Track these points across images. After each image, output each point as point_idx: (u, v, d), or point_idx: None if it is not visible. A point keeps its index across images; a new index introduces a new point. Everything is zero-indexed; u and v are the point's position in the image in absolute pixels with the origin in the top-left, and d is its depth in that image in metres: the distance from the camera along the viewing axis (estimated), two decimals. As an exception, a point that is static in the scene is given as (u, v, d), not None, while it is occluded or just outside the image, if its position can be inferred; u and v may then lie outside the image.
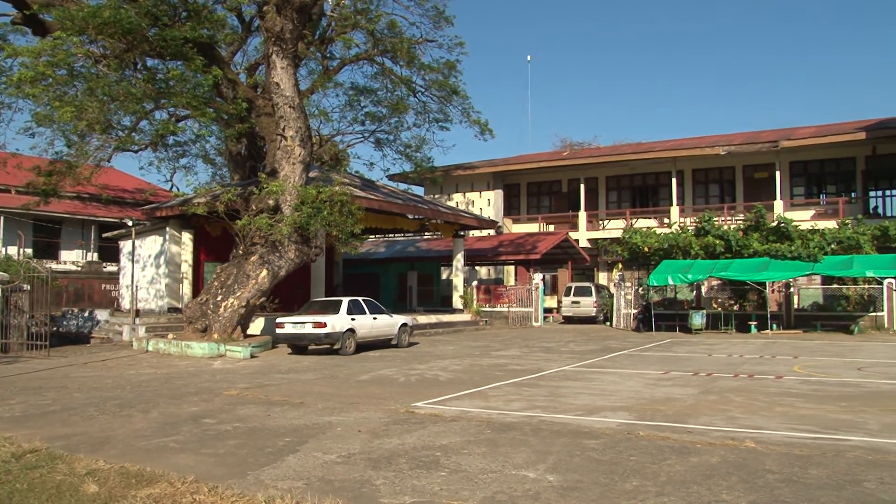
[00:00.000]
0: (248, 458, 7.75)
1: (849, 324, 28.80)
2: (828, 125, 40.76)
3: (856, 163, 38.64)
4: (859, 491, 6.37)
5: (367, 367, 17.09)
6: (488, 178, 46.49)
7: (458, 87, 31.97)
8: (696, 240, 31.62)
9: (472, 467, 7.23)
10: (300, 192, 21.00)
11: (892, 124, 36.02)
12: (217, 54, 24.70)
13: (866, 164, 38.34)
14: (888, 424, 9.48)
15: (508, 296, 36.63)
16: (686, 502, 6.07)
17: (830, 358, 18.80)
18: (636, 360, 18.75)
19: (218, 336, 20.54)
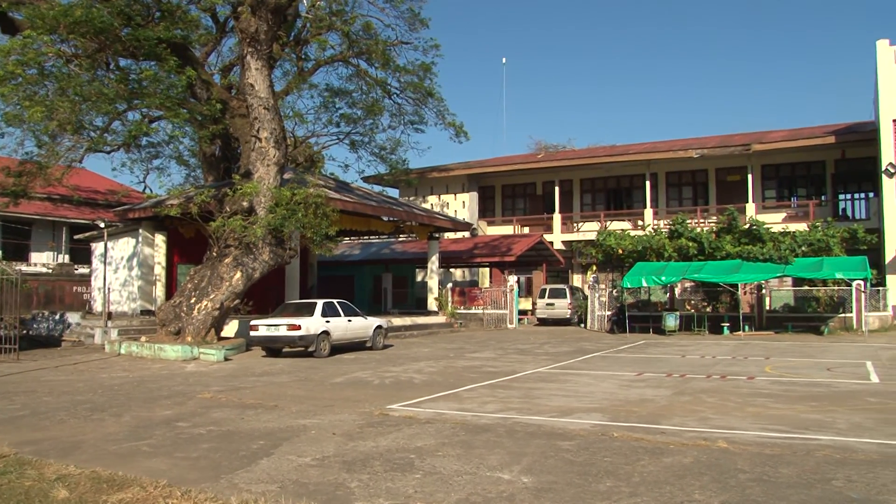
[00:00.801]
0: (221, 461, 7.71)
1: (819, 325, 29.17)
2: (799, 129, 41.28)
3: (826, 166, 39.18)
4: (828, 489, 6.46)
5: (342, 369, 17.04)
6: (463, 180, 46.54)
7: (433, 89, 31.98)
8: (669, 242, 31.85)
9: (446, 469, 7.25)
10: (274, 193, 20.91)
11: (861, 129, 36.56)
12: (191, 55, 24.52)
13: (836, 168, 38.89)
14: (856, 424, 9.62)
15: (483, 298, 36.68)
16: (659, 502, 6.12)
17: (801, 359, 19.03)
18: (610, 361, 18.86)
19: (191, 338, 20.38)
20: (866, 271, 26.79)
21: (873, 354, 19.81)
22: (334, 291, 29.39)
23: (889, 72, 31.75)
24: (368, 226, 30.91)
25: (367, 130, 35.34)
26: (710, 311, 31.97)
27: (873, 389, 13.05)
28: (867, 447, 8.18)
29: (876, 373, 15.50)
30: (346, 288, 37.73)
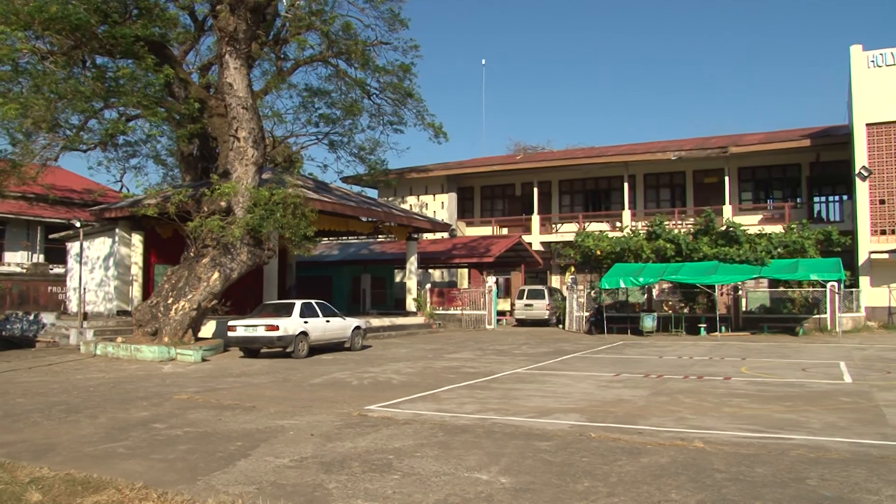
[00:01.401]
0: (198, 463, 7.66)
1: (794, 326, 29.46)
2: (774, 132, 41.72)
3: (801, 169, 39.64)
4: (802, 488, 6.54)
5: (320, 370, 16.99)
6: (442, 181, 46.56)
7: (412, 89, 31.98)
8: (647, 243, 32.04)
9: (424, 470, 7.25)
10: (253, 193, 20.81)
11: (835, 132, 37.02)
12: (169, 53, 24.35)
13: (811, 171, 39.35)
14: (830, 423, 9.74)
15: (462, 299, 36.70)
16: (636, 502, 6.16)
17: (776, 359, 19.21)
18: (588, 362, 18.93)
19: (168, 339, 20.24)
20: (840, 273, 27.10)
21: (847, 355, 20.04)
22: (313, 292, 29.30)
23: (862, 76, 32.16)
24: (347, 226, 30.84)
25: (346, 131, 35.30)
26: (688, 312, 32.19)
27: (846, 389, 13.21)
28: (840, 446, 8.28)
29: (849, 373, 15.68)
30: (324, 288, 37.59)
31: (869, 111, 31.92)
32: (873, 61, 32.11)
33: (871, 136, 31.96)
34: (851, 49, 32.54)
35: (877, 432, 9.11)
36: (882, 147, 31.74)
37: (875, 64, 32.05)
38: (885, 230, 31.59)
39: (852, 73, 32.46)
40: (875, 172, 31.76)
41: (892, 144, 31.58)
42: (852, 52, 32.52)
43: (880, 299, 31.48)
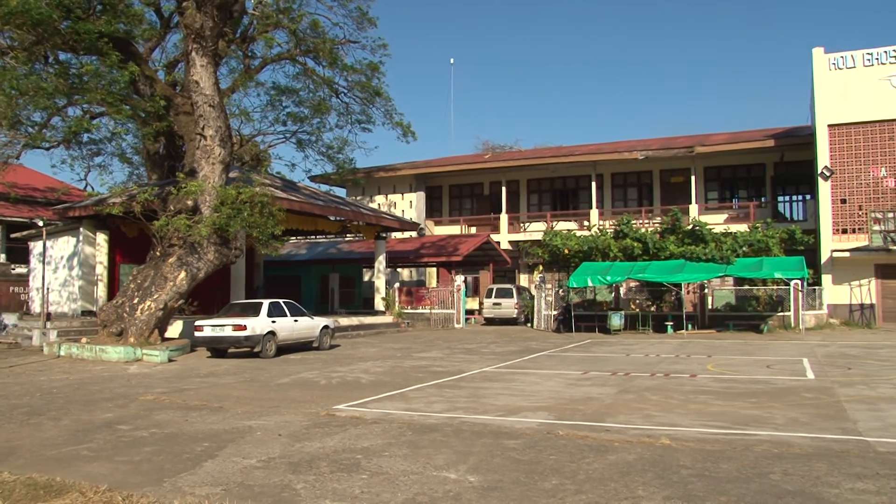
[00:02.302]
0: (165, 464, 7.60)
1: (759, 323, 29.87)
2: (740, 132, 42.24)
3: (765, 169, 40.21)
4: (766, 483, 6.64)
5: (288, 370, 16.91)
6: (410, 180, 46.52)
7: (380, 88, 31.91)
8: (614, 242, 32.27)
9: (393, 469, 7.25)
10: (220, 192, 20.64)
11: (799, 133, 37.58)
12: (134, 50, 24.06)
13: (775, 171, 39.92)
14: (793, 419, 9.90)
15: (430, 298, 36.70)
16: (604, 499, 6.21)
17: (742, 356, 19.47)
18: (556, 360, 19.04)
19: (134, 340, 20.01)
20: (803, 271, 27.51)
21: (810, 352, 20.36)
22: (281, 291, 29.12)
23: (824, 79, 32.68)
24: (315, 225, 30.72)
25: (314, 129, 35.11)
26: (655, 311, 32.48)
27: (809, 385, 13.42)
28: (802, 441, 8.42)
29: (812, 369, 15.94)
30: (292, 288, 37.40)
31: (831, 113, 32.44)
32: (835, 64, 32.64)
33: (833, 137, 32.50)
34: (814, 52, 33.05)
35: (838, 427, 9.29)
36: (843, 148, 32.29)
37: (836, 66, 32.59)
38: (846, 229, 32.14)
39: (814, 75, 32.97)
40: (837, 173, 32.30)
41: (853, 145, 32.13)
42: (814, 54, 33.03)
43: (842, 297, 32.03)
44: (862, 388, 12.85)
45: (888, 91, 31.52)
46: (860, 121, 31.98)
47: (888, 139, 31.55)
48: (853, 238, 31.79)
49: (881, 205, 31.22)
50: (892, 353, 19.90)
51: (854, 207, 32.05)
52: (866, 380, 14.05)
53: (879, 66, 31.85)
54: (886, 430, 9.06)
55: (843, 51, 32.68)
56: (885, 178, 31.57)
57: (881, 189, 31.60)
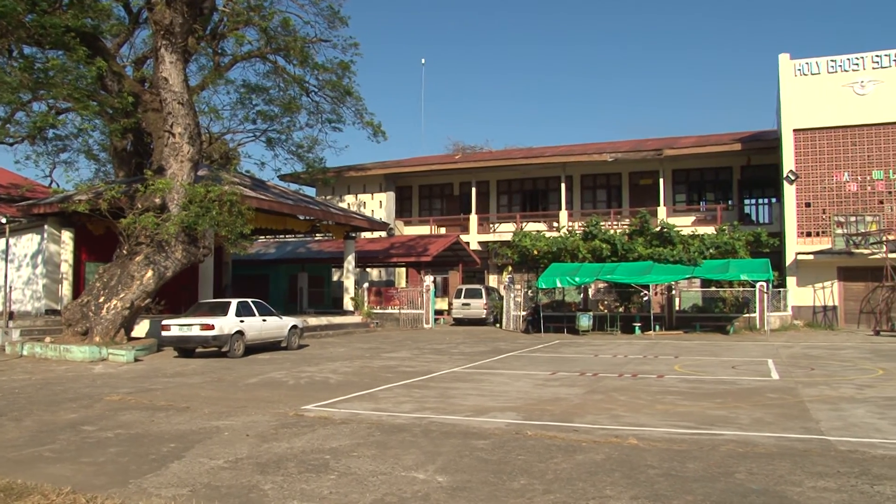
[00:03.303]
0: (130, 465, 7.52)
1: (725, 324, 30.23)
2: (707, 136, 42.73)
3: (732, 172, 40.73)
4: (731, 482, 6.73)
5: (256, 369, 16.81)
6: (380, 179, 46.44)
7: (351, 88, 31.81)
8: (583, 243, 32.46)
9: (361, 470, 7.24)
10: (188, 190, 20.47)
11: (765, 137, 38.12)
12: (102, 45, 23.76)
13: (742, 174, 40.45)
14: (757, 419, 10.04)
15: (399, 298, 36.67)
16: (572, 499, 6.25)
17: (708, 357, 19.69)
18: (525, 361, 19.12)
19: (100, 339, 19.76)
20: (769, 273, 27.90)
21: (774, 353, 20.65)
22: (249, 291, 28.94)
23: (790, 84, 33.16)
24: (284, 224, 30.55)
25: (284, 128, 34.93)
26: (623, 312, 32.73)
27: (773, 386, 13.62)
28: (767, 441, 8.55)
29: (776, 370, 16.17)
30: (261, 287, 37.18)
31: (796, 118, 32.93)
32: (800, 70, 33.14)
33: (798, 142, 32.98)
34: (780, 58, 33.52)
35: (801, 427, 9.44)
36: (808, 152, 32.79)
37: (802, 73, 33.08)
38: (810, 232, 32.65)
39: (780, 80, 33.44)
40: (801, 176, 32.79)
41: (817, 150, 32.65)
42: (780, 60, 33.50)
43: (806, 299, 32.53)
44: (824, 389, 13.07)
45: (851, 97, 32.08)
46: (824, 126, 32.51)
47: (851, 144, 32.10)
48: (817, 241, 32.31)
49: (844, 209, 31.75)
50: (853, 354, 20.26)
51: (818, 211, 32.56)
52: (828, 380, 14.29)
53: (843, 73, 32.42)
54: (847, 430, 9.23)
55: (809, 57, 33.21)
56: (848, 182, 32.12)
57: (844, 193, 32.14)
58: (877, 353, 20.30)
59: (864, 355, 19.82)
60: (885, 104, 31.51)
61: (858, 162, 31.99)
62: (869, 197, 31.76)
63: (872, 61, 32.05)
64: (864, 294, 31.54)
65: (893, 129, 31.54)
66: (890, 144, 31.55)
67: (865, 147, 31.92)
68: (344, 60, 30.78)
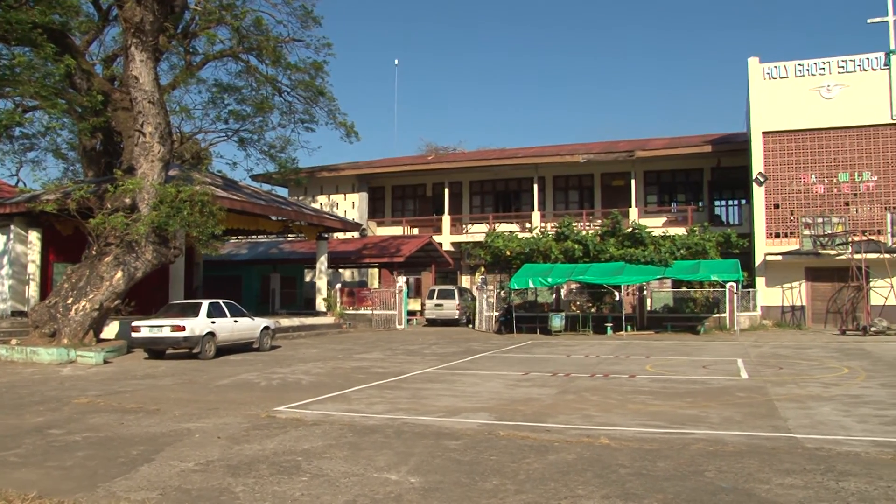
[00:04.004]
0: (98, 469, 7.43)
1: (696, 325, 30.51)
2: (679, 138, 43.11)
3: (703, 174, 41.14)
4: (701, 480, 6.80)
5: (228, 371, 16.69)
6: (353, 180, 46.31)
7: (324, 88, 31.75)
8: (556, 244, 32.58)
9: (333, 471, 7.22)
10: (159, 190, 20.29)
11: (735, 139, 38.53)
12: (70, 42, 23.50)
13: (712, 175, 40.88)
14: (727, 417, 10.16)
15: (372, 298, 36.58)
16: (544, 498, 6.28)
17: (679, 357, 19.87)
18: (497, 361, 19.16)
19: (68, 341, 19.51)
20: (738, 274, 28.20)
21: (744, 352, 20.87)
22: (221, 292, 28.71)
23: (759, 87, 33.55)
24: (256, 225, 30.37)
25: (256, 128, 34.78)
26: (595, 312, 32.90)
27: (743, 385, 13.78)
28: (736, 439, 8.65)
29: (746, 369, 16.35)
30: (233, 288, 36.88)
31: (765, 120, 33.32)
32: (769, 73, 33.54)
33: (767, 144, 33.37)
34: (749, 61, 33.89)
35: (769, 425, 9.56)
36: (777, 154, 33.19)
37: (770, 76, 33.49)
38: (779, 233, 33.05)
39: (750, 83, 33.81)
40: (770, 178, 33.17)
41: (785, 152, 33.05)
42: (750, 63, 33.87)
43: (774, 299, 32.91)
44: (792, 388, 13.25)
45: (818, 101, 32.53)
46: (792, 129, 32.92)
47: (818, 147, 32.55)
48: (785, 242, 32.71)
49: (811, 210, 32.18)
50: (820, 353, 20.54)
51: (786, 212, 32.97)
52: (796, 379, 14.48)
53: (810, 76, 32.86)
54: (814, 427, 9.36)
55: (778, 61, 33.63)
56: (815, 184, 32.56)
57: (811, 195, 32.57)
58: (843, 352, 20.60)
59: (831, 354, 20.11)
60: (851, 108, 32.00)
61: (825, 164, 32.44)
62: (835, 199, 32.23)
63: (838, 66, 32.54)
64: (831, 294, 31.98)
65: (858, 132, 32.04)
66: (855, 147, 32.04)
67: (832, 150, 32.39)
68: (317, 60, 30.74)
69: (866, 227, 31.14)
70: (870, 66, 32.06)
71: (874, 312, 29.57)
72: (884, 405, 11.24)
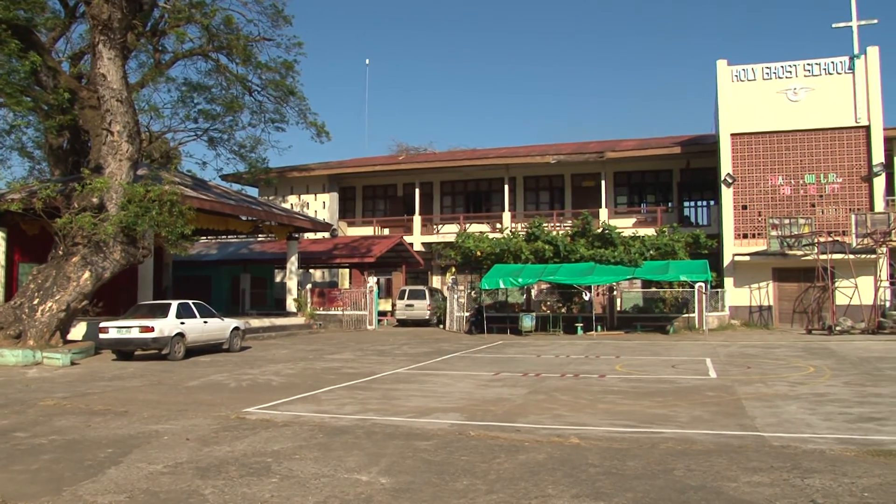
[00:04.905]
0: (64, 472, 7.34)
1: (665, 325, 30.78)
2: (648, 139, 43.45)
3: (672, 175, 41.51)
4: (670, 478, 6.87)
5: (197, 372, 16.56)
6: (324, 180, 46.12)
7: (295, 87, 31.54)
8: (526, 245, 32.69)
9: (304, 472, 7.19)
10: (127, 190, 20.07)
11: (704, 141, 38.93)
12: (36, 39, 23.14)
13: (681, 177, 41.26)
14: (696, 417, 10.27)
15: (343, 299, 36.47)
16: (514, 498, 6.30)
17: (649, 357, 20.03)
18: (468, 361, 19.20)
19: (34, 342, 19.23)
20: (707, 274, 28.50)
21: (712, 352, 21.10)
22: (190, 292, 28.48)
23: (727, 90, 33.94)
24: (226, 225, 30.15)
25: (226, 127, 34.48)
26: (565, 312, 33.07)
27: (711, 384, 13.93)
28: (705, 438, 8.74)
29: (714, 369, 16.53)
30: (202, 289, 36.60)
31: (733, 122, 33.71)
32: (737, 76, 33.94)
33: (736, 146, 33.76)
34: (718, 64, 34.27)
35: (737, 424, 9.68)
36: (745, 156, 33.59)
37: (738, 78, 33.89)
38: (746, 234, 33.45)
39: (718, 86, 34.19)
40: (738, 180, 33.56)
41: (753, 154, 33.46)
42: (718, 66, 34.25)
43: (742, 299, 33.31)
44: (760, 387, 13.41)
45: (785, 104, 32.98)
46: (760, 131, 33.35)
47: (785, 149, 32.99)
48: (753, 243, 33.11)
49: (778, 211, 32.62)
50: (787, 352, 20.81)
51: (754, 213, 33.38)
52: (764, 378, 14.67)
53: (777, 79, 33.31)
54: (781, 426, 9.50)
55: (746, 63, 34.04)
56: (782, 186, 33.00)
57: (779, 196, 33.01)
58: (808, 351, 20.90)
59: (797, 353, 20.39)
60: (817, 111, 32.50)
61: (792, 166, 32.89)
62: (802, 200, 32.69)
63: (804, 70, 33.03)
64: (798, 294, 32.43)
65: (824, 134, 32.54)
66: (821, 150, 32.52)
67: (798, 152, 32.85)
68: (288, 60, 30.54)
69: (832, 228, 31.63)
70: (835, 69, 32.60)
71: (839, 312, 30.03)
72: (848, 403, 11.42)
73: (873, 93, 31.88)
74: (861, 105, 32.00)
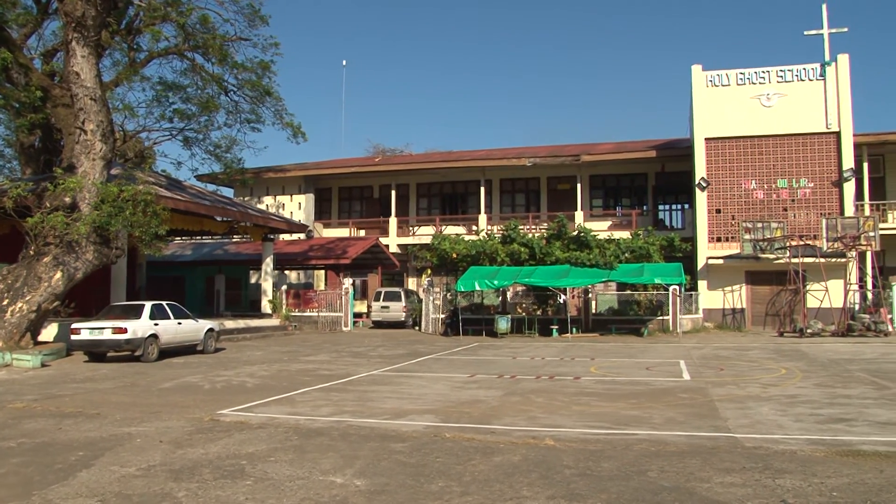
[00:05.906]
0: (34, 476, 7.24)
1: (640, 327, 30.97)
2: (624, 143, 43.74)
3: (647, 178, 41.80)
4: (644, 480, 6.92)
5: (171, 374, 16.43)
6: (300, 181, 45.93)
7: (271, 88, 31.37)
8: (502, 247, 32.76)
9: (278, 475, 7.17)
10: (100, 189, 19.87)
11: (678, 145, 39.29)
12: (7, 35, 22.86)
13: (656, 180, 41.56)
14: (669, 418, 10.34)
15: (318, 300, 36.34)
16: (489, 500, 6.32)
17: (623, 359, 20.15)
18: (444, 363, 19.20)
19: (3, 344, 18.97)
20: (681, 277, 28.72)
21: (686, 354, 21.27)
22: (164, 293, 28.26)
23: (702, 94, 34.27)
24: (201, 226, 29.91)
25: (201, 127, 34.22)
26: (541, 314, 33.18)
27: (685, 386, 14.04)
28: (678, 439, 8.81)
29: (688, 371, 16.67)
30: (176, 289, 36.31)
31: (707, 127, 34.04)
32: (711, 81, 34.29)
33: (710, 150, 34.09)
34: (693, 68, 34.58)
35: (710, 425, 9.76)
36: (719, 160, 33.92)
37: (713, 83, 34.23)
38: (720, 237, 33.78)
39: (693, 90, 34.51)
40: (712, 183, 33.88)
41: (727, 158, 33.80)
42: (693, 71, 34.57)
43: (716, 302, 33.61)
44: (732, 388, 13.55)
45: (758, 109, 33.37)
46: (734, 135, 33.70)
47: (758, 154, 33.37)
48: (726, 246, 33.45)
49: (751, 215, 32.97)
50: (759, 354, 21.03)
51: (727, 217, 33.71)
52: (736, 380, 14.81)
53: (751, 85, 33.71)
54: (753, 427, 9.60)
55: (720, 69, 34.39)
56: (755, 190, 33.37)
57: (752, 200, 33.38)
58: (780, 354, 21.13)
59: (769, 355, 20.61)
60: (789, 116, 32.92)
61: (765, 170, 33.27)
62: (774, 204, 33.07)
63: (777, 75, 33.44)
64: (770, 297, 32.79)
65: (796, 139, 32.96)
66: (793, 154, 32.93)
67: (771, 156, 33.24)
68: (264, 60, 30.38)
69: (803, 232, 31.99)
70: (807, 76, 33.04)
71: (810, 315, 30.38)
72: (818, 404, 11.57)
73: (844, 99, 32.36)
74: (832, 111, 32.46)
